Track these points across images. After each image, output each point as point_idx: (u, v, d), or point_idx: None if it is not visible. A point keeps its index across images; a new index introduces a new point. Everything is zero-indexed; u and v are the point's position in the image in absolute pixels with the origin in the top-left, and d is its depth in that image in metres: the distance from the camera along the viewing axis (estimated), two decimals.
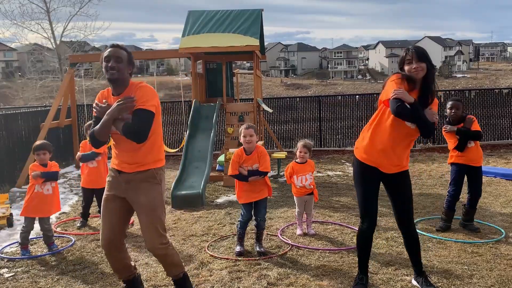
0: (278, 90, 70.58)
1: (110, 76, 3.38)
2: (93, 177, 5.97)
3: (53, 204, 5.14)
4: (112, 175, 3.58)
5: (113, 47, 3.43)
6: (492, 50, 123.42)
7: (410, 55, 3.47)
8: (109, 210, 3.55)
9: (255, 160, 4.74)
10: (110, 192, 3.56)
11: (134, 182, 3.47)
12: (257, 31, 8.69)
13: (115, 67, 3.36)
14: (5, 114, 9.34)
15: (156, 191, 3.50)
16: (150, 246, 3.50)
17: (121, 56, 3.40)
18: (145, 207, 3.46)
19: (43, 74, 24.21)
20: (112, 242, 3.55)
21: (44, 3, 19.77)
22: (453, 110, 5.31)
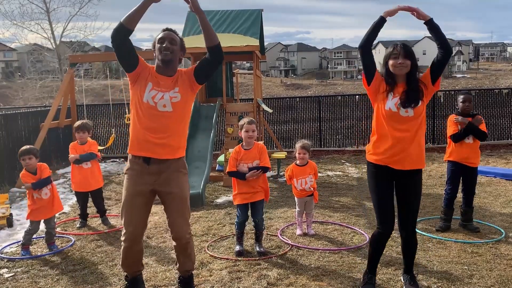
0: (278, 90, 70.57)
1: (164, 56, 3.43)
2: (86, 179, 5.93)
3: (54, 204, 5.14)
4: (137, 168, 3.50)
5: (167, 30, 3.51)
6: (492, 50, 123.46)
7: (398, 50, 3.51)
8: (134, 207, 3.52)
9: (255, 156, 4.70)
10: (137, 187, 3.51)
11: (166, 173, 3.49)
12: (257, 31, 8.69)
13: (169, 48, 3.43)
14: (5, 114, 9.34)
15: (186, 181, 3.62)
16: (179, 234, 3.54)
17: (175, 39, 3.48)
18: (178, 197, 3.53)
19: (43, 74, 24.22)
20: (137, 236, 3.58)
21: (44, 3, 19.78)
22: (466, 103, 5.32)
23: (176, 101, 3.46)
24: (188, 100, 3.55)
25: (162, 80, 3.47)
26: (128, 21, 3.28)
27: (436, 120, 12.10)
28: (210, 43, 3.39)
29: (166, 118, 3.45)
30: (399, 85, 3.58)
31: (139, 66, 3.46)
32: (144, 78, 3.47)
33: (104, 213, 6.17)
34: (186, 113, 3.59)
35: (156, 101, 3.42)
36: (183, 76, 3.52)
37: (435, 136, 12.23)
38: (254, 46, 8.44)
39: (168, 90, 3.45)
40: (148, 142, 3.44)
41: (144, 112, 3.45)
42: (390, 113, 3.55)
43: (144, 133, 3.45)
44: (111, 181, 9.06)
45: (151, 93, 3.43)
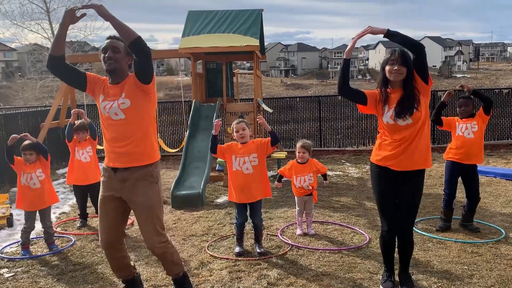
0: (278, 90, 70.54)
1: (107, 66, 3.40)
2: (85, 172, 5.94)
3: (45, 196, 5.06)
4: (106, 175, 3.55)
5: (110, 38, 3.45)
6: (492, 50, 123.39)
7: (395, 56, 3.53)
8: (106, 211, 3.54)
9: (251, 150, 4.64)
10: (106, 193, 3.54)
11: (130, 181, 3.45)
12: (257, 31, 8.69)
13: (112, 57, 3.38)
14: (5, 114, 9.34)
15: (153, 189, 3.49)
16: (149, 245, 3.52)
17: (118, 47, 3.41)
18: (143, 207, 3.46)
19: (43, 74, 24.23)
20: (111, 242, 3.56)
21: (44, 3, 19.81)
22: (462, 107, 5.32)
23: (126, 107, 3.39)
24: (140, 104, 3.44)
25: (111, 89, 3.46)
26: (54, 50, 3.31)
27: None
28: (126, 41, 3.23)
29: (121, 125, 3.42)
30: (395, 91, 3.60)
31: (88, 83, 3.49)
32: (98, 91, 3.50)
33: None
34: (142, 117, 3.46)
35: (108, 111, 3.42)
36: (130, 80, 3.44)
37: (435, 136, 12.22)
38: (254, 46, 8.44)
39: (117, 98, 3.42)
40: (113, 152, 3.48)
41: (104, 124, 3.50)
42: (388, 126, 3.62)
43: (108, 145, 3.51)
44: None
45: (103, 104, 3.44)
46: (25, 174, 5.00)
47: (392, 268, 3.92)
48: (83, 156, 5.97)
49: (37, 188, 5.01)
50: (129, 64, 3.51)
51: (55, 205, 7.20)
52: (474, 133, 5.20)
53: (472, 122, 5.24)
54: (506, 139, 12.27)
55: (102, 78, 3.56)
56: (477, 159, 5.27)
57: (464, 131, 5.22)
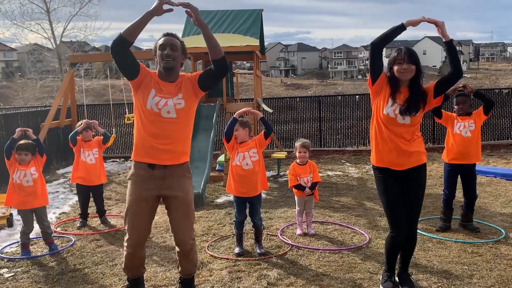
0: (278, 90, 70.53)
1: (166, 64, 3.38)
2: (90, 174, 5.94)
3: (37, 195, 5.00)
4: (142, 172, 3.47)
5: (168, 35, 3.44)
6: (492, 50, 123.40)
7: (402, 55, 3.51)
8: (139, 212, 3.49)
9: (251, 146, 4.68)
10: (143, 193, 3.46)
11: (171, 178, 3.48)
12: (257, 31, 8.70)
13: (171, 55, 3.38)
14: (5, 114, 9.34)
15: (190, 185, 3.60)
16: (183, 239, 3.52)
17: (176, 45, 3.42)
18: (182, 202, 3.51)
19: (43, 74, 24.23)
20: (141, 241, 3.57)
21: (44, 3, 19.78)
22: (460, 105, 5.31)
23: (180, 108, 3.42)
24: (192, 106, 3.52)
25: (165, 86, 3.43)
26: (129, 34, 3.24)
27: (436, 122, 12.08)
28: (215, 56, 3.34)
29: (171, 124, 3.43)
30: (402, 90, 3.58)
31: (140, 74, 3.41)
32: (147, 85, 3.42)
33: (103, 213, 6.17)
34: (190, 119, 3.56)
35: (160, 108, 3.38)
36: (187, 82, 3.46)
37: (435, 136, 12.23)
38: (254, 46, 8.45)
39: (172, 96, 3.41)
40: (153, 148, 3.42)
41: (148, 119, 3.42)
42: (387, 118, 3.59)
43: (148, 139, 3.43)
44: (112, 181, 9.06)
45: (154, 99, 3.39)
46: (19, 171, 4.96)
47: (394, 269, 3.91)
48: (88, 157, 5.96)
49: (30, 186, 4.96)
50: (182, 62, 3.53)
51: (55, 205, 7.21)
52: (472, 132, 5.20)
53: (470, 121, 5.24)
54: (506, 139, 12.27)
55: (151, 71, 3.52)
56: (475, 158, 5.28)
57: (462, 129, 5.22)
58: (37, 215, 5.06)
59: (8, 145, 4.98)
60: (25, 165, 4.99)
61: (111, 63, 38.06)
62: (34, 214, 5.06)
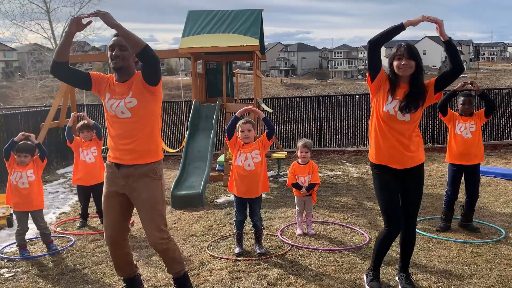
0: (278, 90, 70.54)
1: (115, 64, 3.40)
2: (90, 173, 5.94)
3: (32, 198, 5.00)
4: (110, 170, 3.55)
5: (117, 36, 3.44)
6: (492, 50, 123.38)
7: (401, 51, 3.50)
8: (110, 207, 3.55)
9: (254, 147, 4.67)
10: (110, 189, 3.54)
11: (134, 177, 3.47)
12: (257, 31, 8.69)
13: (119, 55, 3.38)
14: (5, 114, 9.34)
15: (157, 186, 3.52)
16: (151, 241, 3.52)
17: (125, 45, 3.41)
18: (146, 203, 3.48)
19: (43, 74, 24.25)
20: (115, 238, 3.57)
21: (44, 3, 19.84)
22: (465, 105, 5.30)
23: (132, 106, 3.41)
24: (147, 103, 3.45)
25: (118, 87, 3.46)
26: (58, 56, 3.31)
27: (436, 120, 12.10)
28: (134, 51, 3.28)
29: (127, 124, 3.44)
30: (401, 85, 3.58)
31: (93, 83, 3.50)
32: (103, 90, 3.50)
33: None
34: (149, 116, 3.48)
35: (114, 110, 3.43)
36: (138, 80, 3.44)
37: (435, 136, 12.23)
38: (254, 46, 8.44)
39: (123, 96, 3.42)
40: (117, 149, 3.49)
41: (110, 121, 3.51)
42: (387, 115, 3.58)
43: (113, 142, 3.51)
44: None
45: (109, 102, 3.45)
46: (15, 173, 4.97)
47: (379, 268, 3.92)
48: (87, 156, 5.97)
49: (25, 188, 4.96)
50: (135, 61, 3.52)
51: (55, 205, 7.21)
52: (472, 133, 5.21)
53: (471, 122, 5.24)
54: (506, 139, 12.27)
55: (106, 76, 3.56)
56: (478, 159, 5.28)
57: (463, 131, 5.22)
58: (33, 217, 5.07)
59: (7, 147, 4.97)
60: (23, 167, 4.99)
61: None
62: (30, 215, 5.07)
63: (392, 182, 3.71)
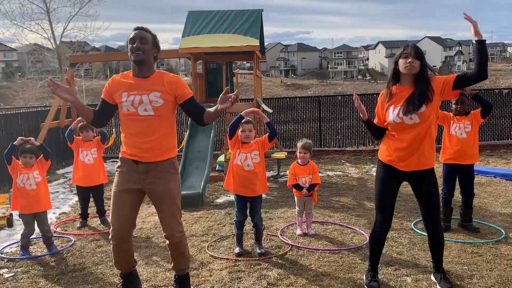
0: (278, 90, 70.55)
1: (136, 57, 3.38)
2: (88, 174, 5.94)
3: (41, 199, 5.01)
4: (127, 166, 3.53)
5: (138, 29, 3.45)
6: (492, 50, 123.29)
7: (408, 50, 3.55)
8: (122, 203, 3.53)
9: (254, 147, 4.67)
10: (125, 186, 3.52)
11: (154, 172, 3.48)
12: (257, 31, 8.69)
13: (140, 48, 3.38)
14: (5, 114, 9.34)
15: (175, 180, 3.57)
16: (169, 233, 3.53)
17: (146, 38, 3.42)
18: (166, 197, 3.51)
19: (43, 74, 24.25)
20: (123, 234, 3.57)
21: (44, 3, 19.83)
22: (458, 105, 5.31)
23: (158, 106, 3.42)
24: (170, 106, 3.50)
25: (139, 82, 3.44)
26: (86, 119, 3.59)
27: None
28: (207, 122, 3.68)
29: (149, 122, 3.43)
30: (405, 88, 3.60)
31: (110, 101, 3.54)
32: (118, 93, 3.48)
33: (103, 214, 6.18)
34: (169, 114, 3.53)
35: (136, 106, 3.40)
36: (166, 86, 3.45)
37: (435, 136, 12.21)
38: (254, 46, 8.44)
39: (147, 92, 3.41)
40: (135, 147, 3.47)
41: (127, 119, 3.48)
42: (395, 125, 3.62)
43: (130, 139, 3.49)
44: (112, 181, 9.03)
45: (130, 98, 3.41)
46: (22, 175, 4.96)
47: (377, 267, 3.93)
48: (86, 157, 5.96)
49: (33, 189, 4.96)
50: (155, 56, 3.52)
51: (55, 205, 7.21)
52: (467, 133, 5.21)
53: (466, 122, 5.24)
54: (506, 139, 12.27)
55: (114, 80, 3.54)
56: (473, 159, 5.29)
57: (457, 131, 5.23)
58: (38, 218, 5.06)
59: (7, 151, 4.93)
60: (28, 168, 4.98)
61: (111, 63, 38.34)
62: (35, 217, 5.06)
63: (393, 180, 3.73)
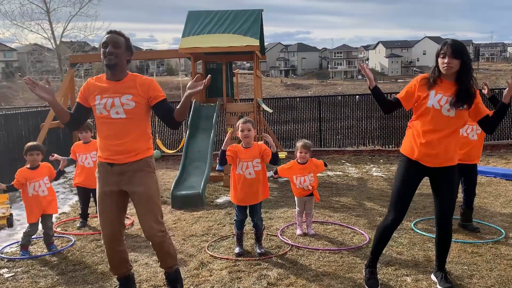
0: (278, 90, 70.59)
1: (108, 62, 3.39)
2: (88, 177, 5.95)
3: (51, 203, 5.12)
4: (102, 169, 3.55)
5: (110, 33, 3.44)
6: (492, 50, 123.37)
7: (445, 49, 3.46)
8: (106, 206, 3.55)
9: (255, 155, 4.65)
10: (104, 189, 3.54)
11: (129, 173, 3.48)
12: (257, 32, 8.69)
13: (113, 53, 3.38)
14: (5, 114, 9.33)
15: (151, 179, 3.55)
16: (149, 233, 3.52)
17: (118, 42, 3.41)
18: (143, 197, 3.50)
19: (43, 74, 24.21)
20: (114, 235, 3.58)
21: (44, 3, 19.79)
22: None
23: (129, 108, 3.41)
24: (142, 109, 3.49)
25: (111, 85, 3.45)
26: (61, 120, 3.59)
27: None
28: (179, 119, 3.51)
29: (120, 124, 3.43)
30: (445, 82, 3.54)
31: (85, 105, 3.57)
32: (92, 97, 3.49)
33: None
34: (142, 118, 3.51)
35: (109, 109, 3.41)
36: (138, 89, 3.44)
37: None
38: (254, 46, 8.44)
39: (119, 95, 3.41)
40: (108, 149, 3.48)
41: (100, 122, 3.50)
42: (431, 110, 3.52)
43: (103, 142, 3.51)
44: None
45: (102, 101, 3.43)
46: (32, 183, 5.01)
47: (376, 264, 3.92)
48: (86, 161, 5.98)
49: (46, 195, 5.06)
50: (128, 59, 3.52)
51: None
52: (478, 135, 5.23)
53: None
54: (506, 139, 12.28)
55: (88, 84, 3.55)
56: (476, 159, 5.33)
57: (470, 132, 5.24)
58: (43, 218, 5.11)
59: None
60: (37, 174, 5.05)
61: None
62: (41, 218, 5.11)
63: (415, 173, 3.70)
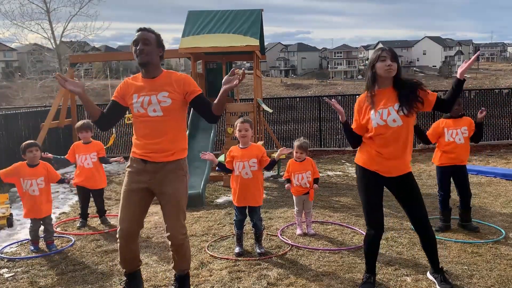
0: (278, 90, 70.57)
1: (140, 59, 3.40)
2: (88, 178, 5.97)
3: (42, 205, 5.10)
4: (135, 165, 3.55)
5: (140, 31, 3.45)
6: (492, 50, 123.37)
7: (385, 54, 3.58)
8: (131, 203, 3.54)
9: (252, 155, 4.65)
10: (133, 185, 3.54)
11: (161, 172, 3.50)
12: (257, 31, 8.69)
13: (144, 50, 3.39)
14: (5, 114, 9.34)
15: (182, 182, 3.57)
16: (173, 234, 3.53)
17: (148, 39, 3.42)
18: (171, 198, 3.51)
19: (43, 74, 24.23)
20: (130, 233, 3.58)
21: (44, 3, 19.82)
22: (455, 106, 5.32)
23: (166, 106, 3.43)
24: (180, 106, 3.51)
25: (147, 83, 3.46)
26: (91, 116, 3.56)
27: (436, 119, 12.09)
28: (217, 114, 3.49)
29: (157, 122, 3.45)
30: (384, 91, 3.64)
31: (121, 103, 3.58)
32: (129, 96, 3.51)
33: (103, 213, 6.18)
34: (179, 115, 3.54)
35: (146, 107, 3.43)
36: (174, 85, 3.46)
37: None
38: (254, 46, 8.44)
39: (156, 92, 3.43)
40: (144, 147, 3.50)
41: (138, 120, 3.51)
42: (378, 128, 3.62)
43: (140, 140, 3.52)
44: (111, 181, 9.06)
45: (140, 100, 3.44)
46: (26, 181, 5.03)
47: (373, 270, 3.92)
48: (85, 162, 5.97)
49: (36, 195, 5.05)
50: (160, 55, 3.52)
51: (55, 205, 7.21)
52: (465, 138, 5.26)
53: (462, 127, 5.26)
54: (506, 139, 12.28)
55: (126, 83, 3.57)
56: (466, 160, 5.37)
57: (455, 136, 5.25)
58: (43, 220, 5.16)
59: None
60: (33, 173, 5.04)
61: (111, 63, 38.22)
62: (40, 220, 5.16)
63: (377, 184, 3.74)
